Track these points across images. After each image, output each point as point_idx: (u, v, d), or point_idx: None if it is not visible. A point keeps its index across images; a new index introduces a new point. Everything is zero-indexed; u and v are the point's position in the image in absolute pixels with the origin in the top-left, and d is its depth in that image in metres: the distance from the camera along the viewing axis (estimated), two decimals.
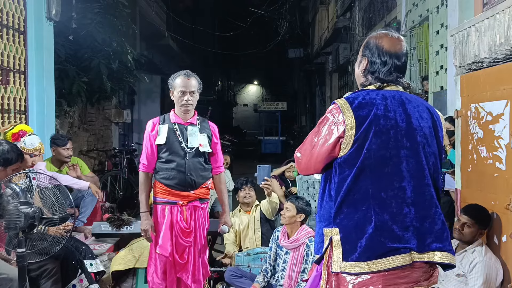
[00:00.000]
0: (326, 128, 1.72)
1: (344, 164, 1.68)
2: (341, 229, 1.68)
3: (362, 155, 1.65)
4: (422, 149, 1.71)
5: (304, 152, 1.81)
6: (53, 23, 4.88)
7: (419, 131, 1.72)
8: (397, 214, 1.66)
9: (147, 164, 3.00)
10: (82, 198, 4.38)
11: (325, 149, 1.71)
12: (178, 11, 14.58)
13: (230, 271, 3.75)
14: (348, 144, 1.66)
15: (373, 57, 1.77)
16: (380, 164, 1.66)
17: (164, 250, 2.91)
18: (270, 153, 18.13)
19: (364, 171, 1.65)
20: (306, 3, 17.87)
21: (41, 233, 2.58)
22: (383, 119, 1.67)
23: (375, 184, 1.65)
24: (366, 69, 1.80)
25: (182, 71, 3.00)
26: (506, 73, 2.97)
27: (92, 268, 3.47)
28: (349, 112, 1.67)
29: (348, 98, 1.73)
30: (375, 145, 1.65)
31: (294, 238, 3.39)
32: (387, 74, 1.76)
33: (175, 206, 2.95)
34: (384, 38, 1.79)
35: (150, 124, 3.01)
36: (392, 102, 1.71)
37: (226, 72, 31.09)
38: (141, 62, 8.11)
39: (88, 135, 7.76)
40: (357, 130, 1.65)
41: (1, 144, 2.90)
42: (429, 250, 1.68)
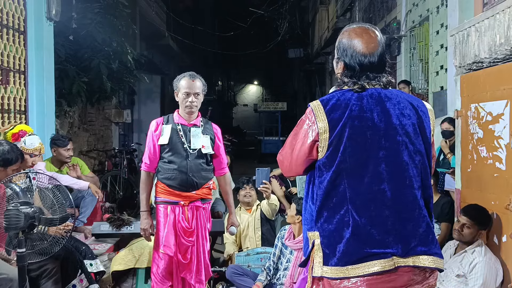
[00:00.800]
0: (303, 131, 1.68)
1: (323, 167, 1.64)
2: (321, 233, 1.65)
3: (337, 158, 1.60)
4: (405, 149, 1.64)
5: (285, 155, 1.79)
6: (53, 23, 4.88)
7: (400, 130, 1.64)
8: (377, 218, 1.60)
9: (149, 164, 3.02)
10: (82, 198, 4.38)
11: (303, 153, 1.68)
12: (178, 11, 14.58)
13: (232, 268, 3.74)
14: (324, 147, 1.62)
15: (347, 61, 1.70)
16: (357, 166, 1.60)
17: (169, 249, 2.93)
18: (270, 153, 18.11)
19: (340, 175, 1.61)
20: (306, 3, 17.87)
21: (41, 233, 2.58)
22: (358, 120, 1.61)
23: (352, 187, 1.60)
24: (343, 73, 1.73)
25: (187, 73, 3.01)
26: (506, 73, 2.98)
27: (92, 268, 3.47)
28: (322, 115, 1.62)
29: (322, 100, 1.68)
30: (350, 148, 1.60)
31: (299, 239, 3.38)
32: (364, 78, 1.68)
33: (177, 206, 2.97)
34: (357, 38, 1.69)
35: (153, 124, 3.03)
36: (369, 101, 1.64)
37: (226, 72, 31.11)
38: (141, 62, 8.12)
39: (88, 135, 7.77)
40: (331, 133, 1.60)
41: (1, 144, 2.90)
42: (414, 254, 1.61)
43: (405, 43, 6.72)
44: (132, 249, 3.78)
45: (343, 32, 1.76)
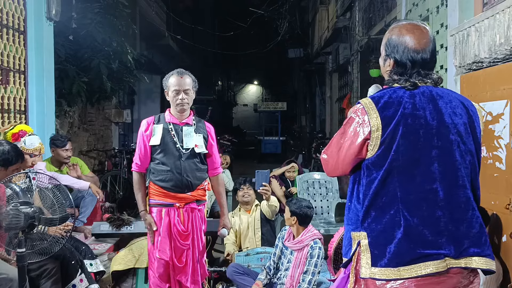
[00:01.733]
0: (352, 129, 1.63)
1: (371, 166, 1.60)
2: (369, 233, 1.61)
3: (389, 157, 1.56)
4: (457, 148, 1.60)
5: (331, 154, 1.73)
6: (53, 23, 4.88)
7: (452, 129, 1.61)
8: (429, 218, 1.56)
9: (140, 164, 2.95)
10: (82, 198, 4.38)
11: (352, 151, 1.63)
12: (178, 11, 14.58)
13: (233, 267, 3.73)
14: (375, 146, 1.58)
15: (398, 57, 1.66)
16: (409, 165, 1.57)
17: (164, 254, 2.87)
18: (270, 153, 18.13)
19: (391, 173, 1.57)
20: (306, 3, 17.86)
21: (41, 233, 2.58)
22: (411, 118, 1.57)
23: (403, 187, 1.57)
24: (393, 70, 1.69)
25: (176, 70, 2.94)
26: (506, 73, 2.98)
27: (92, 268, 3.48)
28: (375, 113, 1.58)
29: (373, 97, 1.64)
30: (403, 146, 1.56)
31: (298, 239, 3.39)
32: (416, 75, 1.65)
33: (172, 209, 2.90)
34: (408, 34, 1.65)
35: (144, 124, 2.95)
36: (421, 99, 1.61)
37: (226, 72, 31.09)
38: (141, 62, 8.11)
39: (88, 135, 7.76)
40: (384, 131, 1.57)
41: (2, 144, 2.90)
42: (466, 255, 1.57)
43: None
44: (132, 249, 3.78)
45: (392, 29, 1.71)
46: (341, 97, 12.65)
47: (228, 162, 6.13)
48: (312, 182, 5.56)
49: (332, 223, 5.24)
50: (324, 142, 11.38)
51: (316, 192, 5.52)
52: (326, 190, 5.54)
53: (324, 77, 15.48)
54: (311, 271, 3.25)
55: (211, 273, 3.87)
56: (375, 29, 8.35)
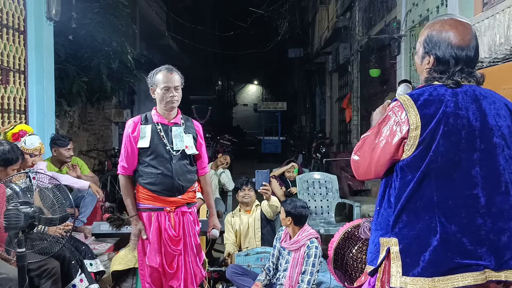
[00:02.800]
0: (388, 128, 1.54)
1: (406, 168, 1.50)
2: (401, 240, 1.50)
3: (427, 158, 1.46)
4: (501, 152, 1.50)
5: (363, 155, 1.61)
6: (53, 23, 4.88)
7: (496, 131, 1.50)
8: (468, 226, 1.46)
9: (127, 167, 2.78)
10: (82, 198, 4.38)
11: (387, 152, 1.53)
12: (178, 11, 14.58)
13: (232, 268, 3.74)
14: (413, 145, 1.48)
15: (440, 54, 1.55)
16: (448, 168, 1.46)
17: (153, 261, 2.75)
18: (270, 153, 18.14)
19: (429, 176, 1.47)
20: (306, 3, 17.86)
21: (41, 233, 2.58)
22: (453, 118, 1.47)
23: (441, 191, 1.46)
24: (433, 68, 1.58)
25: (163, 66, 2.79)
26: (506, 73, 2.98)
27: (92, 268, 3.48)
28: (414, 110, 1.48)
29: (412, 94, 1.54)
30: (443, 147, 1.46)
31: (294, 240, 3.39)
32: (459, 73, 1.54)
33: (162, 213, 2.77)
34: (451, 30, 1.54)
35: (130, 124, 2.77)
36: (464, 98, 1.51)
37: (226, 72, 31.09)
38: (141, 62, 8.11)
39: (88, 135, 7.76)
40: (423, 130, 1.47)
41: (2, 144, 2.91)
42: (507, 268, 1.46)
43: (405, 43, 6.71)
44: (131, 248, 3.78)
45: (433, 24, 1.60)
46: (341, 97, 12.66)
47: (228, 162, 6.13)
48: (312, 182, 5.56)
49: (332, 223, 5.24)
50: (324, 142, 11.38)
51: (316, 192, 5.52)
52: (326, 190, 5.54)
53: (324, 77, 15.49)
54: (309, 271, 3.24)
55: (211, 273, 3.87)
56: (375, 29, 8.35)
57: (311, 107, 18.98)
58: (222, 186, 5.94)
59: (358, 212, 5.25)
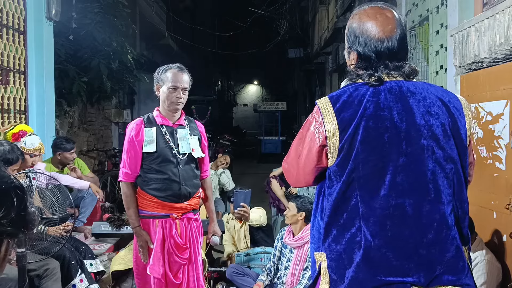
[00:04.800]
0: (309, 134, 1.42)
1: (333, 176, 1.37)
2: (329, 255, 1.38)
3: (348, 166, 1.33)
4: (430, 155, 1.34)
5: (291, 163, 1.51)
6: (53, 23, 4.88)
7: (425, 132, 1.35)
8: (394, 239, 1.32)
9: (131, 174, 2.58)
10: (82, 198, 4.38)
11: (311, 159, 1.41)
12: (178, 11, 14.59)
13: (232, 268, 3.74)
14: (334, 153, 1.35)
15: (360, 49, 1.42)
16: (371, 176, 1.33)
17: (156, 272, 2.55)
18: (270, 153, 18.14)
19: (352, 186, 1.34)
20: (306, 3, 17.87)
21: (41, 233, 2.58)
22: (373, 121, 1.33)
23: (366, 201, 1.33)
24: (357, 65, 1.45)
25: (174, 64, 2.63)
26: (506, 73, 2.98)
27: (92, 268, 3.48)
28: (331, 115, 1.35)
29: (331, 96, 1.40)
30: (363, 154, 1.32)
31: (299, 237, 3.41)
32: (383, 68, 1.40)
33: (167, 220, 2.58)
34: (370, 21, 1.41)
35: (133, 128, 2.57)
36: (387, 97, 1.36)
37: (226, 72, 31.11)
38: (141, 62, 8.12)
39: (88, 135, 7.76)
40: (341, 136, 1.33)
41: (2, 145, 2.91)
42: (438, 283, 1.33)
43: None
44: (132, 249, 3.78)
45: (353, 16, 1.48)
46: None
47: (228, 162, 6.13)
48: None
49: None
50: None
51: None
52: None
53: (324, 77, 15.49)
54: None
55: (211, 273, 3.87)
56: None
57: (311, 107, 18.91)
58: (222, 186, 5.94)
59: None
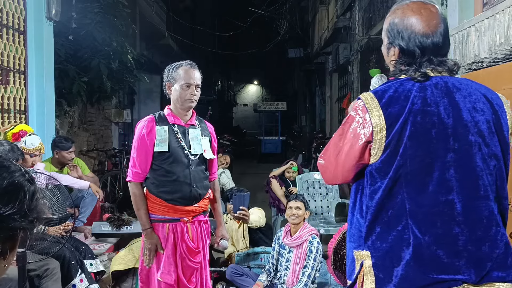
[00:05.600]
0: (352, 130, 1.38)
1: (375, 173, 1.35)
2: (373, 253, 1.36)
3: (395, 162, 1.31)
4: (478, 151, 1.33)
5: (329, 159, 1.47)
6: (53, 23, 4.88)
7: (472, 128, 1.33)
8: (444, 236, 1.30)
9: (141, 173, 2.47)
10: (82, 198, 4.38)
11: (352, 156, 1.38)
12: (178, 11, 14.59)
13: (232, 268, 3.75)
14: (379, 149, 1.33)
15: (404, 45, 1.40)
16: (419, 172, 1.31)
17: (168, 278, 2.44)
18: (270, 153, 18.15)
19: (399, 182, 1.32)
20: (306, 3, 17.87)
21: (41, 233, 2.58)
22: (421, 116, 1.31)
23: (413, 198, 1.31)
24: (398, 60, 1.43)
25: (185, 61, 2.57)
26: (506, 73, 2.97)
27: (92, 268, 3.48)
28: (377, 110, 1.33)
29: (376, 91, 1.38)
30: (411, 150, 1.31)
31: (297, 236, 3.44)
32: (427, 64, 1.39)
33: (178, 224, 2.49)
34: (414, 15, 1.39)
35: (144, 125, 2.48)
36: (434, 92, 1.35)
37: (226, 72, 31.11)
38: (141, 62, 8.12)
39: (88, 135, 7.76)
40: (388, 132, 1.32)
41: (2, 144, 2.91)
42: (489, 280, 1.31)
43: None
44: (132, 249, 3.78)
45: (394, 11, 1.45)
46: (341, 97, 12.65)
47: (228, 162, 6.13)
48: (312, 182, 5.56)
49: (332, 223, 5.24)
50: (324, 142, 11.38)
51: (316, 192, 5.53)
52: (326, 190, 5.54)
53: (324, 77, 15.49)
54: (311, 265, 3.29)
55: (211, 273, 3.87)
56: (375, 29, 8.35)
57: (311, 107, 18.99)
58: (222, 186, 5.95)
59: None
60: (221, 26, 23.21)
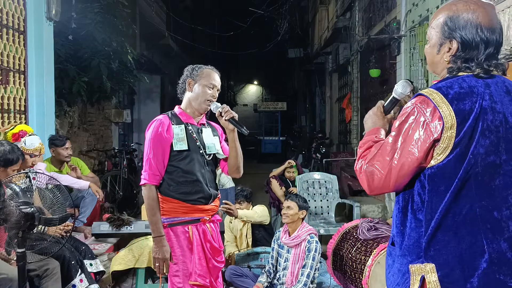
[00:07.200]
0: (414, 129, 1.28)
1: (437, 177, 1.26)
2: (440, 265, 1.26)
3: (465, 162, 1.23)
4: None
5: (381, 164, 1.31)
6: (53, 23, 4.88)
7: None
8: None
9: (158, 174, 2.34)
10: (82, 198, 4.39)
11: (414, 158, 1.27)
12: (178, 11, 14.58)
13: (231, 269, 3.76)
14: (446, 148, 1.24)
15: (469, 37, 1.32)
16: (489, 173, 1.25)
17: (203, 278, 2.35)
18: (270, 153, 18.16)
19: (468, 184, 1.24)
20: (306, 3, 17.86)
21: (41, 233, 2.58)
22: (491, 113, 1.25)
23: (484, 201, 1.24)
24: (457, 55, 1.34)
25: (209, 66, 2.52)
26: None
27: (92, 268, 3.48)
28: (446, 106, 1.24)
29: (439, 87, 1.29)
30: (483, 149, 1.24)
31: (295, 235, 3.45)
32: (489, 61, 1.33)
33: (199, 224, 2.41)
34: (479, 9, 1.32)
35: (160, 124, 2.35)
36: (497, 90, 1.29)
37: (226, 72, 31.07)
38: (141, 62, 8.12)
39: (88, 135, 7.76)
40: (459, 129, 1.23)
41: (3, 145, 2.91)
42: None
43: (405, 43, 6.71)
44: (132, 249, 3.78)
45: (453, 5, 1.37)
46: (341, 97, 12.65)
47: None
48: (312, 182, 5.56)
49: (332, 223, 5.24)
50: (324, 142, 11.37)
51: (316, 192, 5.53)
52: (326, 190, 5.54)
53: (324, 77, 15.48)
54: (310, 265, 3.29)
55: None
56: (375, 29, 8.35)
57: (311, 107, 18.98)
58: (222, 186, 5.94)
59: (358, 212, 5.26)
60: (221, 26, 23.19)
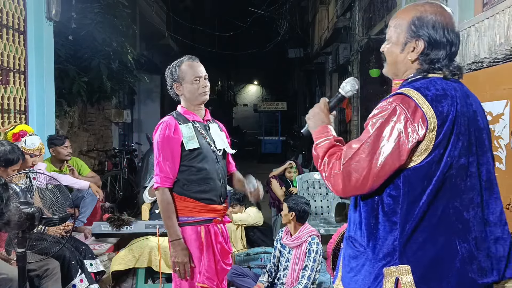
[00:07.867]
0: (395, 130, 1.25)
1: (414, 178, 1.26)
2: (415, 267, 1.26)
3: (442, 164, 1.25)
4: (491, 154, 1.37)
5: (360, 165, 1.27)
6: (53, 23, 4.88)
7: (486, 132, 1.36)
8: (480, 240, 1.29)
9: (171, 177, 2.28)
10: (82, 198, 4.38)
11: (397, 158, 1.24)
12: (178, 11, 14.58)
13: (232, 269, 3.75)
14: (425, 150, 1.25)
15: (437, 37, 1.31)
16: (460, 175, 1.28)
17: (211, 281, 2.30)
18: (270, 153, 18.15)
19: (444, 185, 1.26)
20: (306, 3, 17.86)
21: (41, 233, 2.58)
22: (462, 116, 1.27)
23: (456, 202, 1.27)
24: (423, 54, 1.34)
25: (184, 57, 2.50)
26: (506, 73, 2.97)
27: (92, 268, 3.48)
28: (427, 107, 1.24)
29: (418, 88, 1.28)
30: (457, 151, 1.26)
31: (296, 236, 3.45)
32: (452, 62, 1.35)
33: (211, 225, 2.35)
34: (444, 13, 1.34)
35: (167, 126, 2.30)
36: (462, 94, 1.32)
37: (226, 72, 31.07)
38: (141, 62, 8.12)
39: (88, 135, 7.76)
40: (439, 131, 1.24)
41: (3, 145, 2.91)
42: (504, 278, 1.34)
43: None
44: (132, 249, 3.78)
45: (420, 6, 1.36)
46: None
47: None
48: (312, 182, 5.56)
49: (332, 223, 5.24)
50: None
51: (316, 192, 5.53)
52: (326, 190, 5.54)
53: (324, 77, 15.48)
54: (310, 267, 3.28)
55: None
56: (375, 29, 8.35)
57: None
58: None
59: None
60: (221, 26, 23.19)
